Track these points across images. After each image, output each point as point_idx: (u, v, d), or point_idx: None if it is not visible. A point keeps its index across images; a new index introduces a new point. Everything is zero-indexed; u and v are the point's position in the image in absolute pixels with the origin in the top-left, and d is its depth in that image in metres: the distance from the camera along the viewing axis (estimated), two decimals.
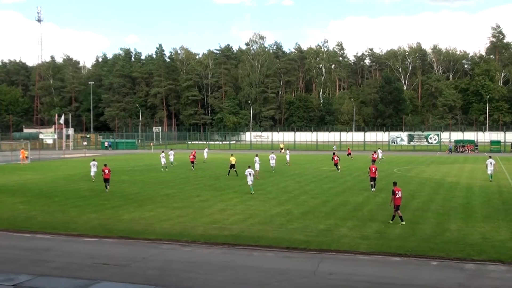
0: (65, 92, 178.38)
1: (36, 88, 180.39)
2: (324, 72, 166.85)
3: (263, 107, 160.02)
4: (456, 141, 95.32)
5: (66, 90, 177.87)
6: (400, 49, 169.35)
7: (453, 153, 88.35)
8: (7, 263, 17.90)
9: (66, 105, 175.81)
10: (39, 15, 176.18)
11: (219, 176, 46.52)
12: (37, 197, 33.62)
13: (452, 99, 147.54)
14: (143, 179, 45.15)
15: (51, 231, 23.07)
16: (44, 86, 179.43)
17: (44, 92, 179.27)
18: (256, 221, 24.79)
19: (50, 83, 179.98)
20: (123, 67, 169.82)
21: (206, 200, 31.60)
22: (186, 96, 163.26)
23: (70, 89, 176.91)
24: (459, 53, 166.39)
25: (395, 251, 18.95)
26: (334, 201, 30.84)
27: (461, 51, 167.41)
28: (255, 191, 35.47)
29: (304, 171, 51.68)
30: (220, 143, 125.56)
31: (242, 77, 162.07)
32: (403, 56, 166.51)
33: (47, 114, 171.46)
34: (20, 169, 57.38)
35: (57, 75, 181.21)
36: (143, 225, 24.03)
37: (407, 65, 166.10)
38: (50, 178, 46.78)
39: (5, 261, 18.18)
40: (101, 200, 32.03)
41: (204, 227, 23.39)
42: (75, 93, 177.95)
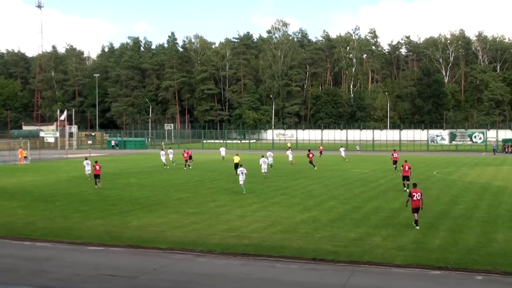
0: (68, 86, 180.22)
1: (36, 81, 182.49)
2: (355, 62, 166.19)
3: (286, 102, 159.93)
4: (504, 140, 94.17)
5: (69, 83, 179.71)
6: (441, 37, 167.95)
7: (499, 153, 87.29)
8: (4, 274, 18.09)
9: (69, 99, 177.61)
10: (40, 1, 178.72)
11: (237, 179, 46.40)
12: (37, 201, 33.98)
13: (499, 93, 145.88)
14: (154, 181, 45.40)
15: (52, 238, 23.27)
16: (45, 79, 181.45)
17: (45, 86, 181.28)
18: (279, 229, 24.75)
19: (52, 75, 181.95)
20: (131, 58, 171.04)
21: (223, 206, 31.65)
22: (201, 89, 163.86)
23: (74, 82, 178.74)
24: (507, 41, 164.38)
25: (434, 263, 18.76)
26: (366, 207, 30.67)
27: (510, 38, 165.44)
28: (279, 195, 35.46)
29: (333, 174, 51.51)
30: (238, 142, 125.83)
31: (263, 68, 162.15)
32: (444, 45, 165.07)
33: (48, 109, 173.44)
34: (18, 170, 58.09)
35: (59, 67, 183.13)
36: (153, 233, 24.14)
37: (448, 54, 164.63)
38: (52, 180, 47.26)
39: (2, 272, 18.37)
40: (107, 205, 32.26)
41: (220, 236, 23.41)
42: (79, 86, 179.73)
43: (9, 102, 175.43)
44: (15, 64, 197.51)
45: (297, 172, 53.30)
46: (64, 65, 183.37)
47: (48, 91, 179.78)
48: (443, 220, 26.51)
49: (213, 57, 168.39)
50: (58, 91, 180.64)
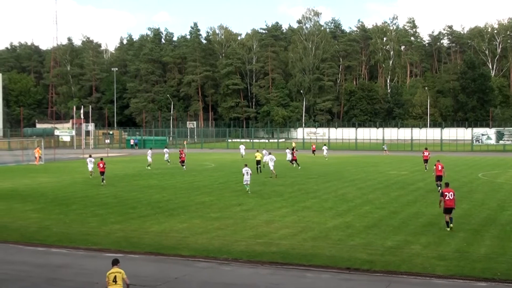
0: (84, 81, 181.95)
1: (50, 76, 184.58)
2: (392, 55, 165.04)
3: (318, 98, 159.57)
4: None
5: (85, 78, 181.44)
6: (487, 27, 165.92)
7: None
8: (16, 282, 18.36)
9: (85, 95, 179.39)
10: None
11: (265, 181, 46.62)
12: (52, 204, 34.43)
13: None
14: (175, 183, 45.67)
15: (67, 244, 23.58)
16: (60, 74, 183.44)
17: (60, 81, 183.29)
18: (310, 235, 24.73)
19: (67, 69, 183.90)
20: (151, 51, 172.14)
21: (250, 210, 31.72)
22: (225, 84, 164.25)
23: (90, 77, 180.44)
24: None
25: (480, 274, 18.58)
26: (404, 212, 30.47)
27: None
28: (309, 199, 35.44)
29: (367, 176, 51.26)
30: (266, 141, 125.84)
31: (293, 61, 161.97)
32: (491, 35, 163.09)
33: (64, 106, 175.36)
34: (32, 171, 58.90)
35: (75, 61, 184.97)
36: (175, 239, 24.29)
37: (495, 46, 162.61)
38: (67, 181, 47.85)
39: (14, 279, 18.65)
40: (126, 209, 32.55)
41: (247, 242, 23.47)
42: (96, 81, 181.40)
43: (22, 98, 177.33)
44: (28, 57, 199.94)
45: (329, 174, 53.17)
46: (80, 58, 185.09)
47: (63, 87, 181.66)
48: (489, 227, 26.21)
49: (238, 50, 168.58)
50: (74, 86, 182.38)
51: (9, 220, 29.11)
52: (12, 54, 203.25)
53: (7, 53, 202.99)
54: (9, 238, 24.86)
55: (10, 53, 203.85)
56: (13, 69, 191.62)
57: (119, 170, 59.40)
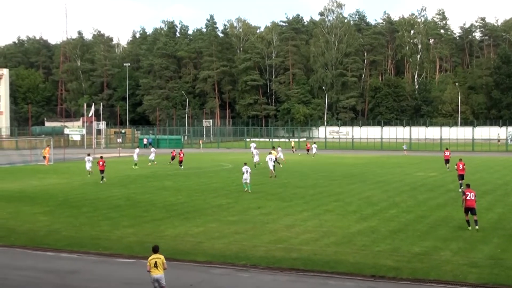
0: (95, 77, 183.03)
1: (60, 72, 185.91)
2: (420, 49, 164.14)
3: (341, 95, 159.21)
4: None
5: (96, 74, 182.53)
6: None
7: None
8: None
9: (96, 92, 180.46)
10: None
11: (286, 183, 46.60)
12: (62, 207, 34.69)
13: None
14: (190, 185, 45.79)
15: (78, 249, 23.75)
16: (70, 69, 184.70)
17: (70, 77, 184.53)
18: (332, 241, 24.71)
19: (77, 65, 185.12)
20: (165, 45, 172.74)
21: (269, 213, 31.74)
22: (243, 80, 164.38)
23: (102, 73, 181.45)
24: None
25: None
26: (433, 217, 30.33)
27: None
28: (332, 202, 35.38)
29: (393, 178, 51.06)
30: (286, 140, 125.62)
31: (314, 56, 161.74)
32: None
33: (74, 103, 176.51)
34: (40, 171, 59.33)
35: (86, 56, 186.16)
36: (190, 244, 24.38)
37: None
38: (77, 183, 48.18)
39: (22, 286, 18.80)
40: (139, 212, 32.69)
41: (266, 248, 23.49)
42: (108, 77, 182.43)
43: (30, 95, 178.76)
44: (37, 52, 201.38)
45: (352, 175, 53.04)
46: (91, 53, 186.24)
47: (73, 83, 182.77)
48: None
49: (257, 44, 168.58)
50: (85, 82, 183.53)
51: (17, 224, 29.37)
52: (19, 48, 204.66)
53: (14, 48, 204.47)
54: (17, 242, 25.08)
55: (17, 47, 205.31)
56: (20, 65, 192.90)
57: (132, 170, 59.68)
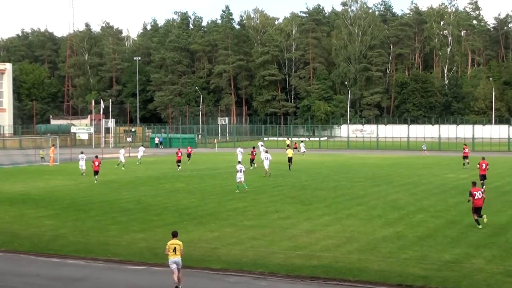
0: (103, 71, 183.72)
1: (66, 66, 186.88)
2: (450, 41, 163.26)
3: (365, 91, 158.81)
4: None
5: (105, 69, 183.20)
6: None
7: None
8: None
9: (105, 88, 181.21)
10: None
11: (306, 185, 46.55)
12: (68, 210, 34.84)
13: None
14: (204, 187, 45.87)
15: (85, 255, 23.85)
16: (77, 64, 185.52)
17: (77, 71, 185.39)
18: (356, 247, 24.65)
19: (85, 59, 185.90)
20: (178, 38, 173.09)
21: (288, 218, 31.71)
22: (261, 75, 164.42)
23: (110, 67, 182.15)
24: None
25: None
26: (464, 222, 30.15)
27: None
28: (355, 205, 35.30)
29: (421, 180, 50.84)
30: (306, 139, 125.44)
31: (336, 49, 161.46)
32: None
33: (81, 100, 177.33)
34: (45, 172, 59.66)
35: (94, 49, 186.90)
36: (204, 250, 24.42)
37: None
38: (85, 184, 48.38)
39: None
40: (150, 215, 32.77)
41: (285, 254, 23.48)
42: (117, 72, 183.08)
43: (35, 91, 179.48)
44: (42, 45, 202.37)
45: (377, 177, 52.88)
46: (99, 46, 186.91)
47: (80, 78, 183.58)
48: None
49: (276, 36, 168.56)
50: (92, 78, 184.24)
51: (20, 228, 29.54)
52: (23, 42, 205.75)
53: (18, 41, 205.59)
54: (21, 248, 25.24)
55: (21, 41, 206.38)
56: (24, 59, 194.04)
57: (142, 171, 59.87)
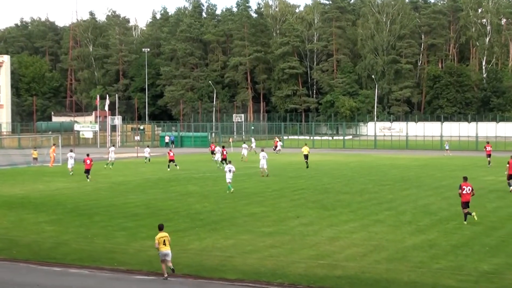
0: (109, 64, 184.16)
1: (69, 59, 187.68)
2: (489, 31, 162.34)
3: (393, 85, 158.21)
4: None
5: (111, 61, 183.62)
6: None
7: None
8: None
9: (111, 82, 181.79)
10: None
11: (329, 188, 46.50)
12: (71, 215, 34.99)
13: None
14: (219, 190, 45.93)
15: (89, 264, 23.95)
16: (80, 56, 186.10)
17: (81, 64, 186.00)
18: (384, 256, 24.63)
19: (89, 51, 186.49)
20: (190, 27, 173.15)
21: (310, 224, 31.73)
22: (280, 68, 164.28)
23: (117, 60, 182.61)
24: None
25: None
26: (505, 229, 30.11)
27: None
28: (382, 211, 35.23)
29: (456, 182, 49.98)
30: (330, 138, 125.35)
31: (362, 39, 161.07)
32: None
33: (85, 95, 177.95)
34: (46, 174, 59.96)
35: (99, 40, 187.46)
36: (218, 259, 24.46)
37: None
38: (89, 187, 48.56)
39: None
40: (160, 221, 32.53)
41: (306, 264, 23.50)
42: (124, 65, 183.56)
43: (35, 85, 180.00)
44: (42, 36, 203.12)
45: (407, 179, 52.79)
46: (105, 37, 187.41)
47: (84, 71, 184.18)
48: None
49: (296, 26, 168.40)
50: (97, 71, 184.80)
51: (19, 234, 29.71)
52: (22, 32, 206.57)
53: (16, 31, 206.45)
54: (19, 256, 25.38)
55: (20, 30, 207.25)
56: (24, 51, 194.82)
57: (151, 173, 59.99)
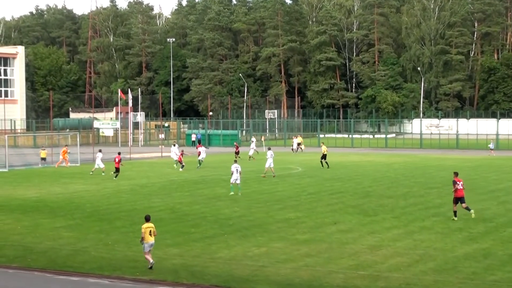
0: (131, 56, 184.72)
1: (88, 50, 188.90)
2: None
3: (442, 78, 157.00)
4: None
5: (133, 52, 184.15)
6: None
7: None
8: None
9: (133, 75, 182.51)
10: None
11: (370, 192, 46.34)
12: (90, 220, 35.25)
13: None
14: (249, 193, 45.99)
15: (110, 273, 24.11)
16: (100, 46, 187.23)
17: (101, 56, 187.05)
18: (431, 266, 24.53)
19: (110, 41, 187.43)
20: (219, 15, 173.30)
21: (349, 230, 31.68)
22: (317, 60, 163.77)
23: (140, 51, 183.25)
24: None
25: None
26: None
27: None
28: (429, 216, 35.08)
29: None
30: (370, 137, 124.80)
31: (408, 28, 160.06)
32: None
33: (105, 89, 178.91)
34: (64, 175, 60.36)
35: (120, 29, 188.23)
36: (249, 269, 24.50)
37: None
38: (110, 190, 48.92)
39: None
40: (186, 227, 32.96)
41: (345, 274, 23.47)
42: (147, 56, 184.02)
43: (52, 79, 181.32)
44: (59, 25, 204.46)
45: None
46: (127, 26, 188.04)
47: (104, 64, 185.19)
48: None
49: (334, 13, 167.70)
50: (119, 63, 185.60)
51: (34, 241, 29.97)
52: (38, 21, 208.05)
53: (31, 20, 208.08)
54: (35, 264, 25.58)
55: (35, 19, 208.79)
56: (39, 41, 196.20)
57: (177, 175, 60.21)
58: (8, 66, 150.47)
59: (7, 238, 30.39)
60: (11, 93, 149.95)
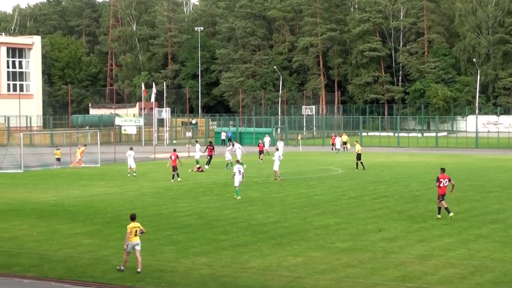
0: (156, 46, 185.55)
1: (109, 40, 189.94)
2: None
3: (501, 71, 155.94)
4: None
5: (158, 43, 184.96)
6: None
7: None
8: None
9: (158, 68, 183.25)
10: None
11: (417, 196, 46.13)
12: (111, 226, 35.44)
13: None
14: (285, 197, 46.03)
15: (133, 284, 24.21)
16: (122, 36, 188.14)
17: (123, 47, 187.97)
18: (488, 278, 24.38)
19: (133, 30, 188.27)
20: (251, 2, 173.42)
21: (394, 238, 31.59)
22: (359, 50, 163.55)
23: (165, 41, 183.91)
24: None
25: None
26: None
27: None
28: (486, 223, 34.89)
29: None
30: (419, 135, 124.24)
31: (461, 15, 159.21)
32: None
33: (128, 83, 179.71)
34: (83, 177, 60.71)
35: (144, 17, 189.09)
36: (285, 280, 24.47)
37: None
38: (132, 193, 49.15)
39: None
40: (215, 233, 33.00)
41: (390, 287, 23.44)
42: (173, 47, 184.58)
43: (70, 71, 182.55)
44: (78, 13, 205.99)
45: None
46: (151, 14, 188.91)
47: (127, 55, 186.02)
48: None
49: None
50: (142, 54, 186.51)
51: (51, 248, 30.15)
52: (55, 9, 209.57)
53: (48, 8, 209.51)
54: (52, 274, 25.71)
55: (52, 7, 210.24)
56: (57, 31, 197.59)
57: (205, 177, 60.37)
58: (23, 58, 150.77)
59: (22, 246, 30.52)
60: (27, 87, 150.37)
